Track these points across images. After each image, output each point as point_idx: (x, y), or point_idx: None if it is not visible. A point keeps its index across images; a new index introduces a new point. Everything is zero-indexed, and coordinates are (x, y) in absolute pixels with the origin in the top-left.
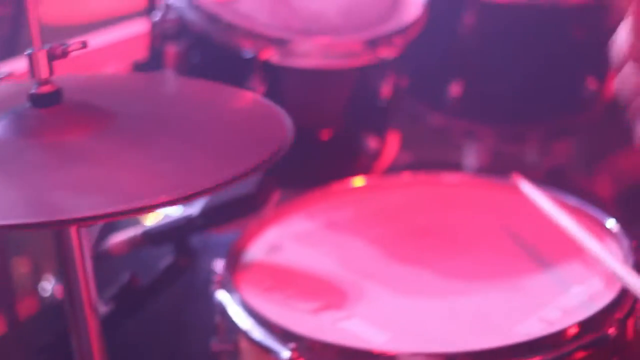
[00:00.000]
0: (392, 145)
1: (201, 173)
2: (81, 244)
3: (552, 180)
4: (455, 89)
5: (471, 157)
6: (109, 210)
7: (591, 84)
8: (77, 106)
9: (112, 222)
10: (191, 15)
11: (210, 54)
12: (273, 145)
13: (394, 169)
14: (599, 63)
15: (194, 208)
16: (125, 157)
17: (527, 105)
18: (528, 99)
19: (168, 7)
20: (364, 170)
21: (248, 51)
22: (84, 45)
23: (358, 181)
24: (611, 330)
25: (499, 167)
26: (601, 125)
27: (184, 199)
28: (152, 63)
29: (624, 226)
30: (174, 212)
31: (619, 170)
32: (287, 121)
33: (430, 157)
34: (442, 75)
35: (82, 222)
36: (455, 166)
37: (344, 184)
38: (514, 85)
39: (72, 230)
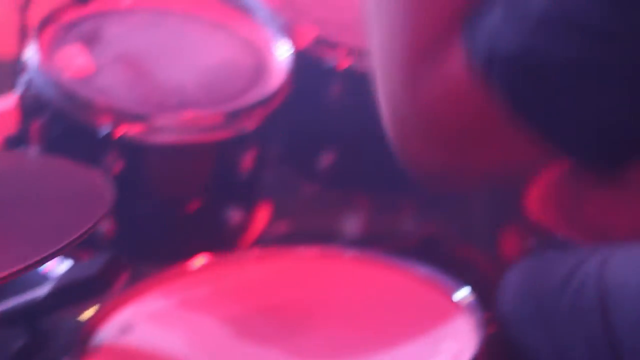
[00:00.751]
0: (261, 217)
1: (12, 255)
2: None
3: (426, 249)
4: (326, 158)
5: (348, 226)
6: None
7: None
8: None
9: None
10: (48, 92)
11: (69, 130)
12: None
13: (268, 240)
14: None
15: (43, 289)
16: None
17: (400, 173)
18: (400, 167)
19: (28, 82)
20: (231, 244)
21: (105, 127)
22: None
23: (216, 257)
24: None
25: (375, 236)
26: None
27: None
28: (21, 138)
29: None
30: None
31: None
32: (110, 198)
33: (307, 227)
34: (313, 144)
35: None
36: (332, 236)
37: (202, 260)
38: (385, 154)
39: None
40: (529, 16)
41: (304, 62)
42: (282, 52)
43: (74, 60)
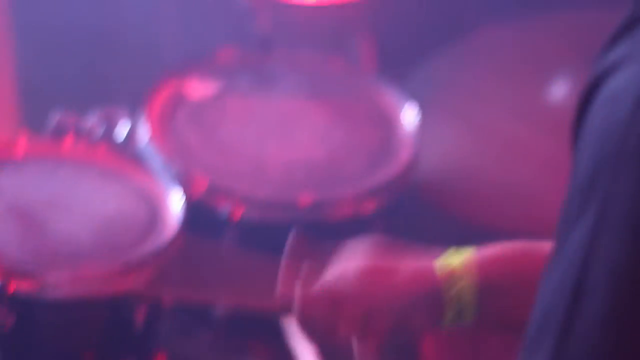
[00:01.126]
0: None
1: None
2: None
3: None
4: (222, 306)
5: None
6: None
7: None
8: None
9: None
10: None
11: None
12: None
13: None
14: None
15: None
16: None
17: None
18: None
19: None
20: None
21: None
22: None
23: None
24: None
25: None
26: None
27: None
28: None
29: None
30: None
31: None
32: None
33: None
34: (208, 292)
35: None
36: None
37: None
38: None
39: None
40: None
41: (197, 211)
42: (176, 202)
43: None
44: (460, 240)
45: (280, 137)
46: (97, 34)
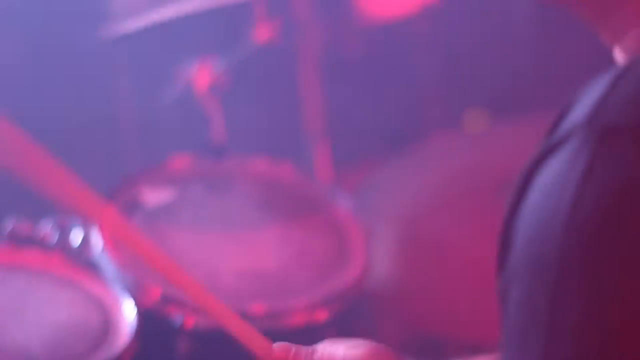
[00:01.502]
0: None
1: None
2: None
3: None
4: None
5: None
6: None
7: None
8: None
9: None
10: None
11: None
12: None
13: None
14: None
15: None
16: None
17: None
18: None
19: None
20: None
21: None
22: None
23: None
24: None
25: None
26: None
27: None
28: None
29: None
30: None
31: None
32: None
33: None
34: None
35: None
36: None
37: None
38: None
39: None
40: None
41: (150, 320)
42: (129, 310)
43: None
44: (415, 348)
45: (232, 246)
46: (50, 141)
